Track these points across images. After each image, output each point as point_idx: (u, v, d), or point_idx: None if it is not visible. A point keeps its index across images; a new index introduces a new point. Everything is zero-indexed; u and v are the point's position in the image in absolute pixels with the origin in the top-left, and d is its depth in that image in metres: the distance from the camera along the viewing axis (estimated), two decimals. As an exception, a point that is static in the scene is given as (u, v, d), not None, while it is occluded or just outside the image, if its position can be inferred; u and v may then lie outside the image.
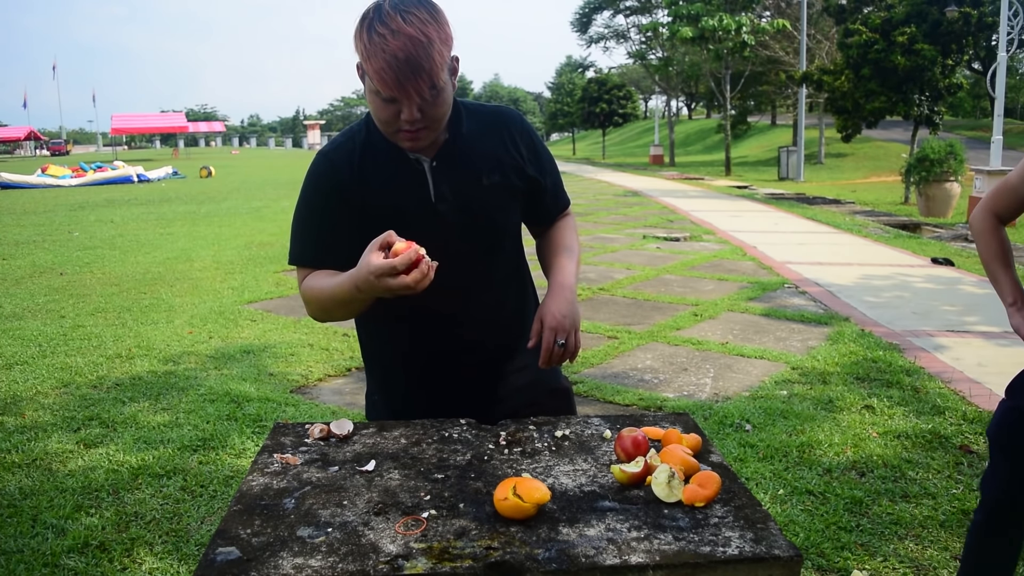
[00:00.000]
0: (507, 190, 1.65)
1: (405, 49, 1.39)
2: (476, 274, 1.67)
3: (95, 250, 10.21)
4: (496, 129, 1.67)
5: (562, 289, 1.67)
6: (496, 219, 1.67)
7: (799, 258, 9.03)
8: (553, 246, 1.78)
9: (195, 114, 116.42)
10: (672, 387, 4.60)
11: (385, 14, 1.41)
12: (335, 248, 1.61)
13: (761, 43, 29.75)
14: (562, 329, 1.62)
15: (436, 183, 1.59)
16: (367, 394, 1.89)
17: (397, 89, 1.42)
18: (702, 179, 25.27)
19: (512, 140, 1.67)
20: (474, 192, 1.61)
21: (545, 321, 1.64)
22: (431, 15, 1.43)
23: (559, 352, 1.63)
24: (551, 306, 1.64)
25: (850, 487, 3.21)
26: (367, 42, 1.41)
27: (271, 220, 13.66)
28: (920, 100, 18.51)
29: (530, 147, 1.70)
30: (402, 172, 1.59)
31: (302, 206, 1.65)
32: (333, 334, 5.80)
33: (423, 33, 1.40)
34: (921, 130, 19.71)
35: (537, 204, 1.76)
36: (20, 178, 24.62)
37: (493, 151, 1.64)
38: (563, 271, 1.71)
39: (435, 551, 1.10)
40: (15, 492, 3.27)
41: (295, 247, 1.66)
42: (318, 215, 1.63)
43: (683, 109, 68.88)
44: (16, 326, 6.15)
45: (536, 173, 1.70)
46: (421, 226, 1.56)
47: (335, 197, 1.60)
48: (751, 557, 1.10)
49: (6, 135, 68.73)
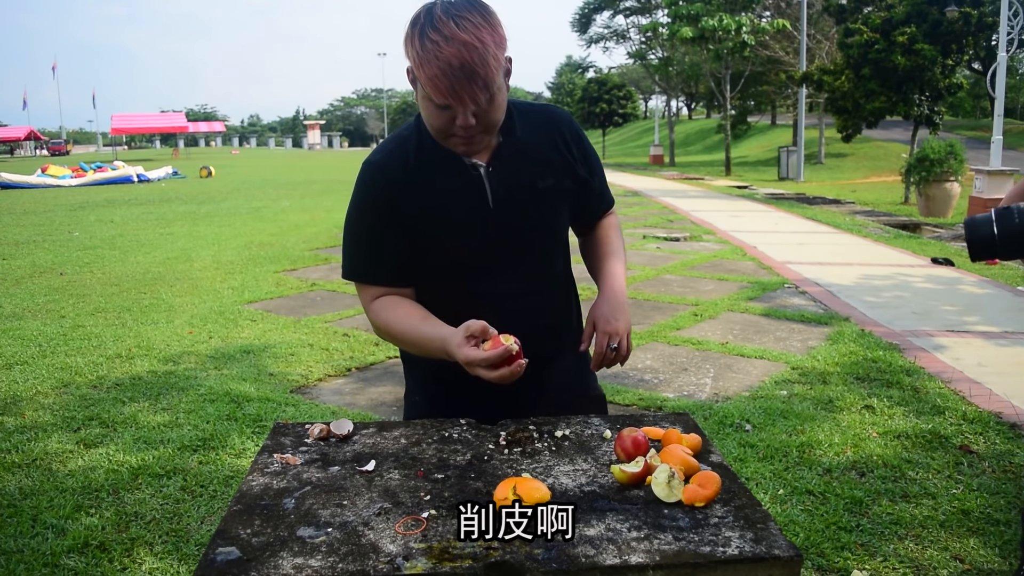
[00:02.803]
0: (560, 192, 1.64)
1: (459, 56, 1.36)
2: (529, 277, 1.65)
3: (95, 250, 10.21)
4: (547, 130, 1.65)
5: (614, 293, 1.66)
6: (550, 222, 1.65)
7: (799, 258, 9.03)
8: (601, 248, 1.76)
9: (195, 114, 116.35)
10: (672, 387, 4.60)
11: (437, 19, 1.38)
12: (390, 261, 1.59)
13: (761, 43, 29.74)
14: (615, 333, 1.61)
15: (493, 188, 1.57)
16: (406, 394, 1.88)
17: (452, 97, 1.39)
18: (702, 179, 25.27)
19: (564, 140, 1.65)
20: (530, 196, 1.60)
21: (598, 325, 1.63)
22: (484, 18, 1.40)
23: (611, 356, 1.62)
24: (604, 309, 1.63)
25: (850, 487, 3.21)
26: (419, 48, 1.38)
27: (271, 220, 13.66)
28: (920, 100, 18.50)
29: (580, 147, 1.68)
30: (458, 177, 1.56)
31: (354, 219, 1.62)
32: (333, 334, 5.80)
33: (477, 38, 1.37)
34: (921, 130, 19.71)
35: (585, 204, 1.74)
36: (20, 178, 24.60)
37: (546, 153, 1.62)
38: (613, 275, 1.69)
39: (435, 551, 1.10)
40: (15, 492, 3.27)
41: (349, 262, 1.64)
42: (371, 228, 1.59)
43: (683, 109, 68.88)
44: (16, 326, 6.15)
45: (586, 173, 1.69)
46: (478, 231, 1.56)
47: (389, 209, 1.57)
48: (751, 557, 1.10)
49: (6, 135, 68.67)
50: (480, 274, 1.61)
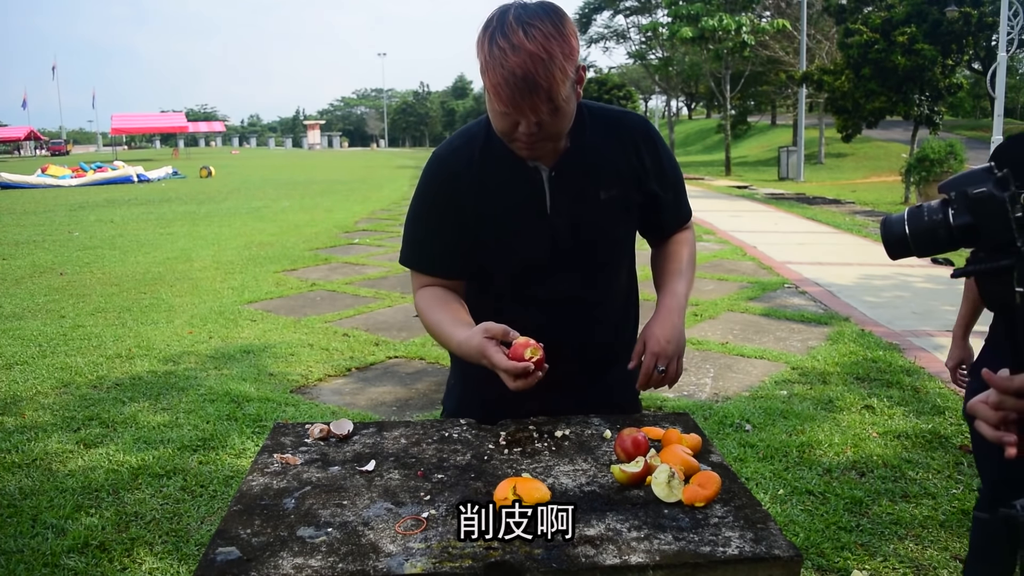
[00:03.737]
0: (625, 204, 1.61)
1: (524, 67, 1.33)
2: (584, 286, 1.63)
3: (95, 250, 10.21)
4: (619, 138, 1.61)
5: (670, 313, 1.61)
6: (610, 233, 1.63)
7: (799, 258, 9.03)
8: (668, 264, 1.71)
9: (195, 114, 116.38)
10: (672, 387, 4.59)
11: (508, 26, 1.35)
12: (446, 253, 1.61)
13: (761, 43, 29.75)
14: (664, 355, 1.57)
15: (553, 194, 1.56)
16: (449, 379, 1.88)
17: (512, 106, 1.38)
18: (702, 179, 25.27)
19: (636, 150, 1.61)
20: (591, 206, 1.57)
21: (648, 345, 1.58)
22: (556, 27, 1.37)
23: (658, 377, 1.58)
24: (656, 330, 1.59)
25: (850, 487, 3.21)
26: (487, 54, 1.37)
27: (271, 220, 13.67)
28: (920, 100, 18.51)
29: (654, 157, 1.63)
30: (520, 180, 1.55)
31: (417, 208, 1.64)
32: (333, 334, 5.80)
33: (545, 49, 1.34)
34: (921, 130, 19.72)
35: (656, 217, 1.70)
36: (20, 178, 24.61)
37: (614, 162, 1.59)
38: (674, 294, 1.64)
39: (435, 551, 1.10)
40: (15, 492, 3.27)
41: (406, 248, 1.67)
42: (432, 220, 1.62)
43: (683, 109, 68.88)
44: (16, 326, 6.14)
45: (657, 186, 1.64)
46: (534, 235, 1.56)
47: (450, 203, 1.58)
48: (751, 557, 1.10)
49: (6, 135, 68.71)
50: (533, 279, 1.60)
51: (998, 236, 1.05)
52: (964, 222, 1.07)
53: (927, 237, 1.12)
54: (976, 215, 1.06)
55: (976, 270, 1.08)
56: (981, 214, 1.06)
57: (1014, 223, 1.04)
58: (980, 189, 1.06)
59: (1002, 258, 1.05)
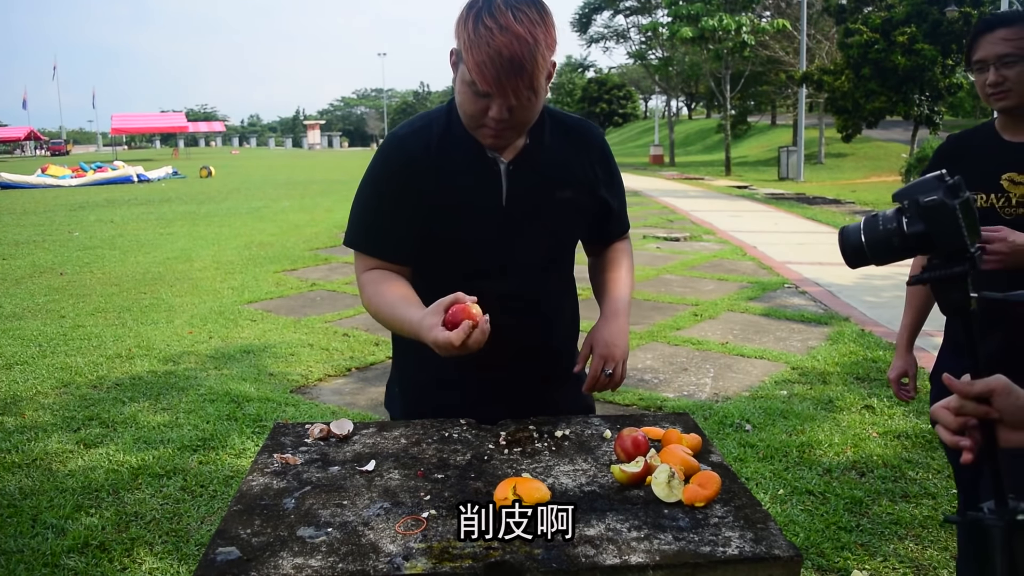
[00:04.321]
0: (577, 207, 1.62)
1: (510, 47, 1.35)
2: (533, 283, 1.63)
3: (95, 250, 10.21)
4: (576, 144, 1.63)
5: (616, 317, 1.64)
6: (561, 233, 1.64)
7: (799, 258, 9.03)
8: (611, 271, 1.74)
9: (195, 114, 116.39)
10: (672, 387, 4.60)
11: (495, 7, 1.36)
12: (395, 237, 1.56)
13: (761, 43, 29.74)
14: (611, 359, 1.60)
15: (510, 186, 1.55)
16: (390, 383, 1.85)
17: (495, 86, 1.38)
18: (702, 179, 25.27)
19: (591, 158, 1.64)
20: (546, 203, 1.58)
21: (596, 348, 1.61)
22: (541, 16, 1.39)
23: (604, 380, 1.61)
24: (603, 333, 1.62)
25: (850, 487, 3.21)
26: (471, 32, 1.37)
27: (271, 220, 13.66)
28: (920, 100, 18.52)
29: (606, 167, 1.67)
30: (477, 169, 1.54)
31: (367, 187, 1.60)
32: (333, 334, 5.80)
33: (531, 34, 1.36)
34: (921, 130, 19.73)
35: (601, 225, 1.73)
36: (20, 178, 24.60)
37: (570, 166, 1.61)
38: (618, 299, 1.67)
39: (435, 551, 1.10)
40: (15, 492, 3.27)
41: (354, 230, 1.61)
42: (383, 200, 1.57)
43: (683, 109, 68.87)
44: (16, 326, 6.15)
45: (607, 195, 1.68)
46: (488, 227, 1.55)
47: (404, 183, 1.54)
48: (751, 557, 1.10)
49: (6, 135, 68.69)
50: (483, 273, 1.58)
51: (950, 243, 1.07)
52: (917, 230, 1.09)
53: (883, 246, 1.13)
54: (928, 223, 1.08)
55: (930, 277, 1.09)
56: (933, 222, 1.07)
57: (965, 230, 1.06)
58: (931, 197, 1.08)
59: (955, 265, 1.07)
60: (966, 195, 1.08)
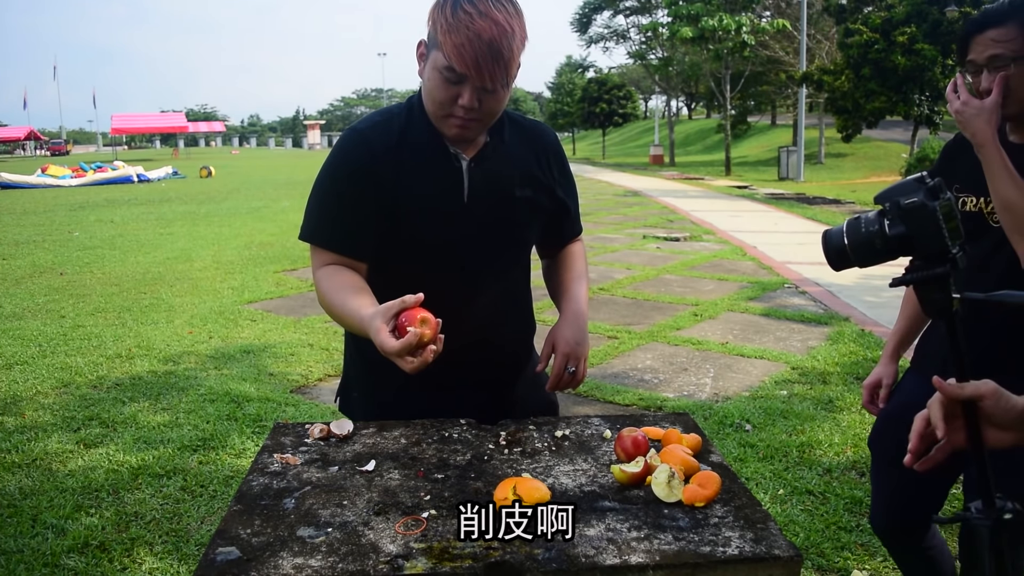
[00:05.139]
0: (535, 205, 1.64)
1: (490, 31, 1.37)
2: (490, 281, 1.63)
3: (95, 250, 10.21)
4: (534, 145, 1.66)
5: (576, 316, 1.65)
6: (519, 231, 1.65)
7: (799, 258, 9.03)
8: (567, 271, 1.76)
9: (195, 114, 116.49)
10: (672, 387, 4.60)
11: None
12: (354, 232, 1.54)
13: (761, 43, 29.74)
14: (574, 357, 1.62)
15: (471, 183, 1.56)
16: (341, 388, 1.80)
17: (473, 68, 1.39)
18: (702, 179, 25.27)
19: (547, 159, 1.67)
20: (505, 200, 1.59)
21: (558, 347, 1.63)
22: (516, 11, 1.43)
23: (567, 378, 1.62)
24: (565, 332, 1.63)
25: (850, 487, 3.21)
26: (450, 16, 1.39)
27: (271, 220, 13.66)
28: (920, 100, 18.52)
29: (561, 169, 1.70)
30: (438, 165, 1.54)
31: (325, 180, 1.56)
32: (333, 334, 5.80)
33: (508, 23, 1.39)
34: (921, 130, 19.73)
35: (557, 226, 1.75)
36: (20, 178, 24.60)
37: (528, 165, 1.63)
38: (576, 298, 1.69)
39: (435, 551, 1.10)
40: (15, 492, 3.27)
41: (310, 223, 1.57)
42: (343, 195, 1.54)
43: (683, 109, 68.88)
44: (16, 326, 6.14)
45: (563, 195, 1.70)
46: (448, 223, 1.55)
47: (364, 178, 1.52)
48: (751, 557, 1.10)
49: (6, 135, 68.73)
50: (442, 271, 1.56)
51: (932, 245, 1.07)
52: (899, 232, 1.09)
53: (865, 248, 1.14)
54: (909, 225, 1.08)
55: (913, 278, 1.10)
56: (914, 223, 1.08)
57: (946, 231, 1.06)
58: (912, 199, 1.08)
59: (937, 266, 1.07)
60: (947, 197, 1.08)
